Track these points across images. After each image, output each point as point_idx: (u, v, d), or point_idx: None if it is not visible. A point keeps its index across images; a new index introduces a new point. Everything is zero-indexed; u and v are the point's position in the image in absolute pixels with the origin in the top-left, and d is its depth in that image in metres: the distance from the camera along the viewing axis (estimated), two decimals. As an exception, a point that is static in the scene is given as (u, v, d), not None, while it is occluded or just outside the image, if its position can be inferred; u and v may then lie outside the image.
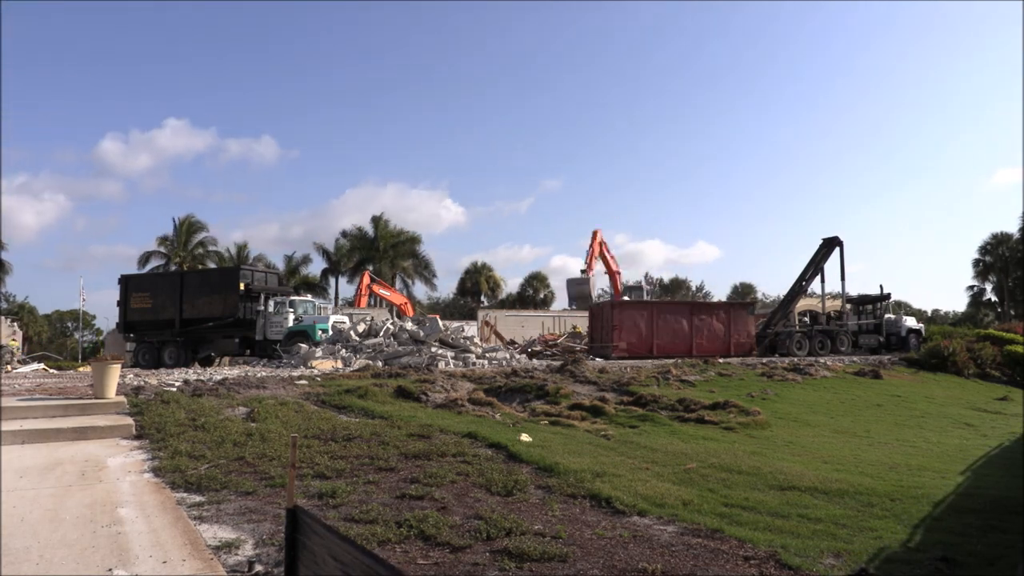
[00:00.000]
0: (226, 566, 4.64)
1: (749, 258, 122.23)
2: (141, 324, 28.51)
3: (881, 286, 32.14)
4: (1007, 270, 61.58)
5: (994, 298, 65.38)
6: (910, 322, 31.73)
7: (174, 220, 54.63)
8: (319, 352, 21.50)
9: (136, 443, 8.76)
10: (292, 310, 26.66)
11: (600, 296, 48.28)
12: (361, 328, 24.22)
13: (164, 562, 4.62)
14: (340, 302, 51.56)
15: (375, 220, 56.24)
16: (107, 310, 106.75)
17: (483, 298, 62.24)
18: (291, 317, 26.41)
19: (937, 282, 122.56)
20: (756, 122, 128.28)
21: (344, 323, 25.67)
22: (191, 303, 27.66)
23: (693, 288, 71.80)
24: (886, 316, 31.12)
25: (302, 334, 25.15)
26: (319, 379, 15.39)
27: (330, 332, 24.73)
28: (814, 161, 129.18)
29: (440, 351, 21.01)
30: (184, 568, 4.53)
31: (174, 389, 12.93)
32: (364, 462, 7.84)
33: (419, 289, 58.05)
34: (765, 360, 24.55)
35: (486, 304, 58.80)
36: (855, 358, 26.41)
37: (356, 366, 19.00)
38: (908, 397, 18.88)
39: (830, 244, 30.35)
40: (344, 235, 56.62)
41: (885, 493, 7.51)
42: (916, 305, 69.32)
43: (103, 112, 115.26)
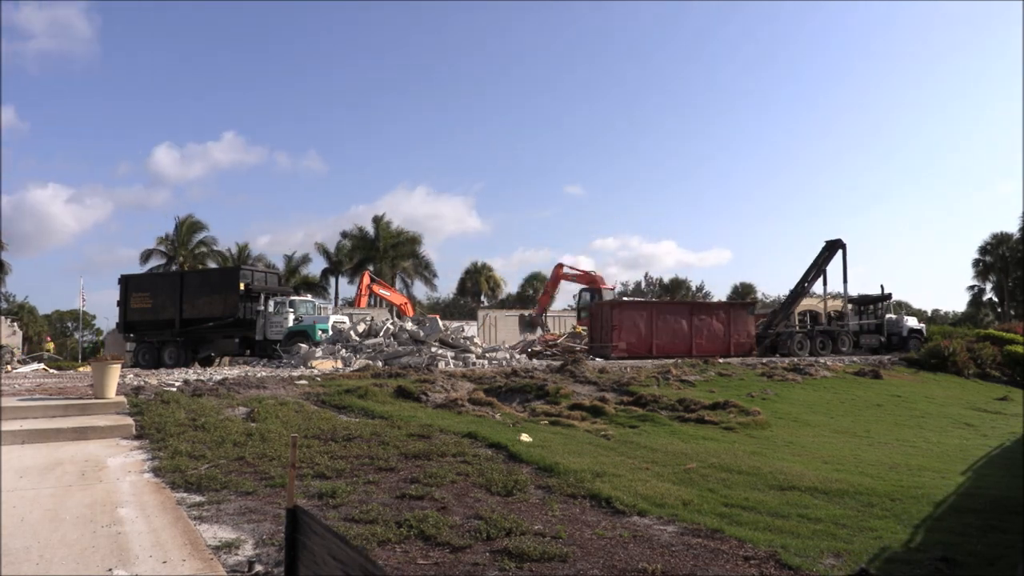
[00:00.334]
0: (226, 566, 4.64)
1: (749, 258, 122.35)
2: (141, 324, 28.50)
3: (882, 286, 32.23)
4: (1007, 270, 61.59)
5: (994, 298, 65.41)
6: (911, 322, 31.73)
7: (175, 220, 54.76)
8: (319, 352, 21.50)
9: (136, 443, 8.76)
10: (292, 310, 26.65)
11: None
12: (361, 328, 24.22)
13: (164, 562, 4.62)
14: (340, 302, 51.55)
15: (376, 220, 56.30)
16: (107, 310, 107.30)
17: (483, 298, 62.28)
18: (291, 317, 26.41)
19: (937, 282, 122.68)
20: (756, 122, 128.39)
21: (344, 323, 25.67)
22: (191, 303, 27.66)
23: (693, 288, 71.73)
24: (887, 316, 31.14)
25: (302, 334, 25.16)
26: (319, 379, 15.39)
27: (330, 332, 24.72)
28: (814, 161, 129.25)
29: (440, 351, 21.01)
30: (184, 568, 4.53)
31: (174, 389, 12.93)
32: (364, 462, 7.84)
33: (419, 289, 58.14)
34: (765, 360, 24.54)
35: (486, 304, 58.84)
36: (855, 358, 26.41)
37: (356, 366, 19.00)
38: (908, 397, 18.88)
39: (833, 246, 30.32)
40: (344, 235, 56.72)
41: (885, 493, 7.51)
42: (916, 305, 69.23)
43: (158, 124, 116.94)
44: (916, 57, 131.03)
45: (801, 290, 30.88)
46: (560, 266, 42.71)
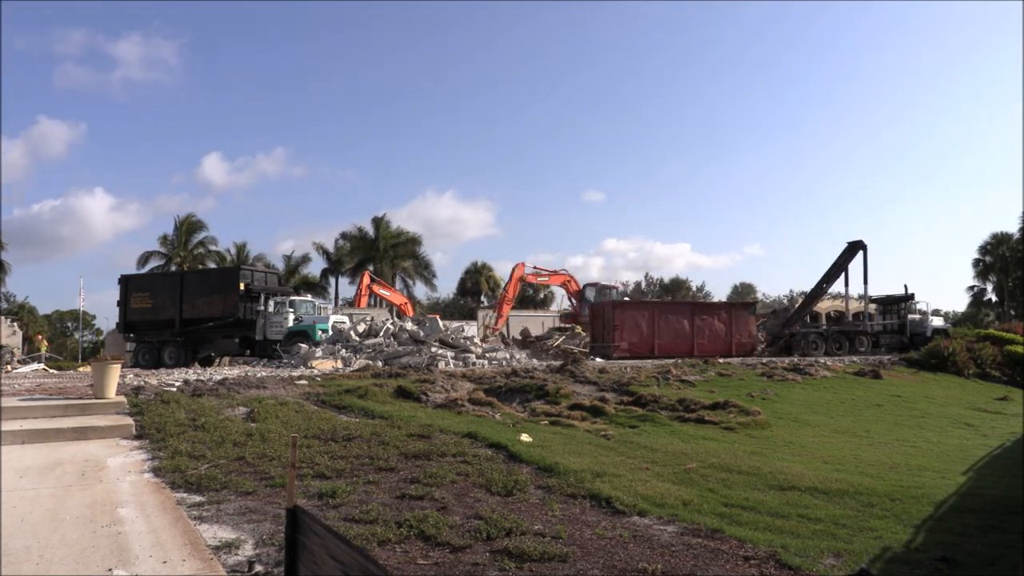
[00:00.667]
0: (226, 566, 4.64)
1: (750, 259, 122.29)
2: (141, 324, 28.51)
3: (905, 286, 31.88)
4: (1007, 270, 61.53)
5: (994, 298, 65.37)
6: (937, 322, 31.60)
7: (175, 219, 54.73)
8: (319, 352, 21.50)
9: (136, 443, 8.76)
10: (292, 310, 26.64)
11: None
12: (361, 328, 24.23)
13: (164, 562, 4.62)
14: (340, 302, 51.54)
15: (376, 221, 56.27)
16: (107, 310, 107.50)
17: (483, 298, 62.20)
18: (291, 317, 26.40)
19: (937, 282, 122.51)
20: (757, 121, 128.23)
21: (344, 323, 25.67)
22: (191, 303, 27.66)
23: (694, 288, 71.72)
24: (910, 316, 31.06)
25: (302, 334, 25.15)
26: (319, 379, 15.39)
27: (330, 332, 24.72)
28: (822, 163, 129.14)
29: (440, 351, 21.02)
30: (184, 568, 4.53)
31: (174, 389, 12.93)
32: (364, 462, 7.84)
33: (419, 289, 58.13)
34: (765, 360, 24.55)
35: (486, 304, 58.78)
36: (855, 358, 26.40)
37: (356, 366, 19.00)
38: (908, 397, 18.88)
39: (854, 247, 30.18)
40: (344, 236, 56.70)
41: (885, 493, 7.51)
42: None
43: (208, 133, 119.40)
44: (930, 57, 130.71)
45: (820, 290, 30.82)
46: (521, 265, 38.96)
